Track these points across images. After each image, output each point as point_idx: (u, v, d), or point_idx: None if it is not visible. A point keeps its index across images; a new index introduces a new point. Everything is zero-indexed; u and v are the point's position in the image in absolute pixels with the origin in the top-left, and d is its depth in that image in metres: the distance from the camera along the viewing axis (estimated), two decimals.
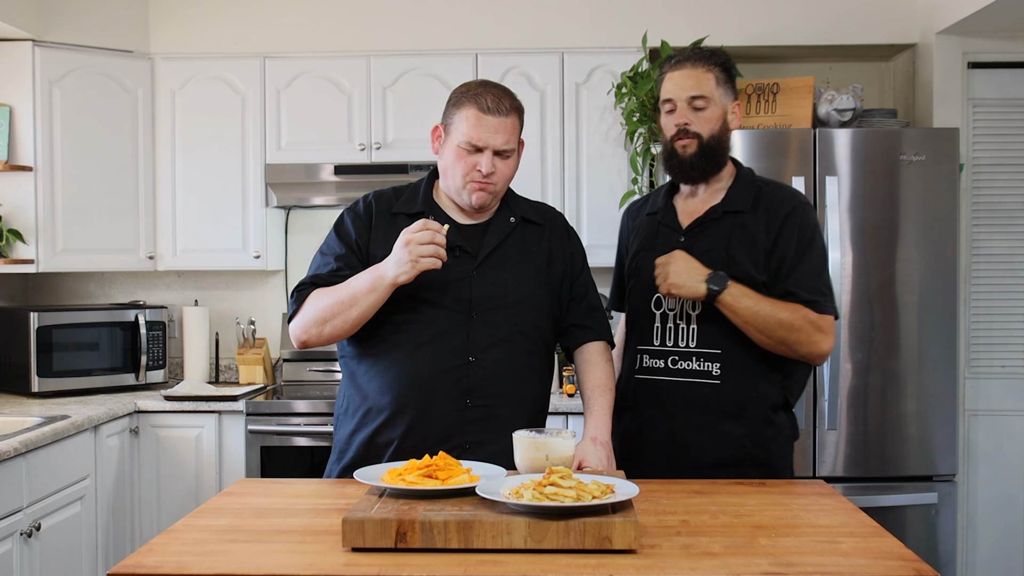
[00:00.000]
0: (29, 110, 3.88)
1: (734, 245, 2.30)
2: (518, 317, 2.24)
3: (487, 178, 2.19)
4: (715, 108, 2.33)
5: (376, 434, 2.22)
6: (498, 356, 2.21)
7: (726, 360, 2.29)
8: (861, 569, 1.54)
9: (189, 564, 1.57)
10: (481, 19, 4.12)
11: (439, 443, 2.15)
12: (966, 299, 3.85)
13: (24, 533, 2.91)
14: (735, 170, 2.42)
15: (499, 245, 2.27)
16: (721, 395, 2.29)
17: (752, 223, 2.31)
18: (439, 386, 2.18)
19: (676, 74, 2.36)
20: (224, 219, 4.14)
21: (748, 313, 2.21)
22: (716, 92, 2.33)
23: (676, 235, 2.37)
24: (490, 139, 2.18)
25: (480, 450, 2.17)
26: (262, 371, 4.21)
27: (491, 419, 2.19)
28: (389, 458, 2.19)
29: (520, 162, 2.30)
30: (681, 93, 2.33)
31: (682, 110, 2.33)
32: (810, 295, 2.26)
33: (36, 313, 3.84)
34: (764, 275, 2.27)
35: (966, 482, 3.85)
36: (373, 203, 2.32)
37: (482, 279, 2.23)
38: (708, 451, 2.28)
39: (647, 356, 2.37)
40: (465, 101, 2.21)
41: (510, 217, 2.31)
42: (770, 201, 2.34)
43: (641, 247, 2.44)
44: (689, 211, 2.40)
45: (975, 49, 3.86)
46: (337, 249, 2.27)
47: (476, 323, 2.21)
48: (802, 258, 2.29)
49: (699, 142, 2.32)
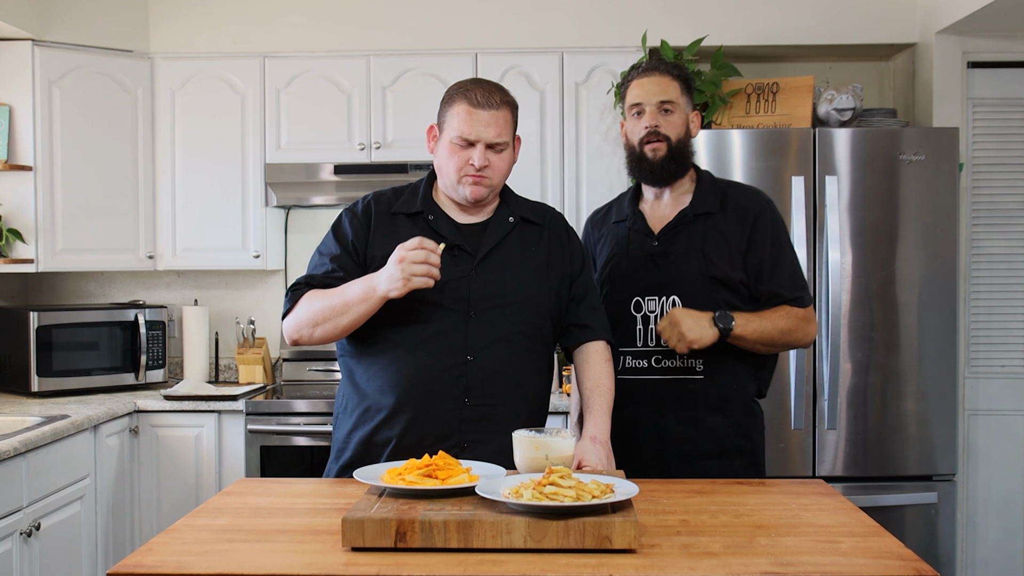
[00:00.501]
0: (29, 110, 3.88)
1: (708, 246, 2.41)
2: (517, 316, 2.24)
3: (480, 171, 2.20)
4: (681, 114, 2.46)
5: (374, 433, 2.22)
6: (496, 355, 2.21)
7: (709, 356, 2.39)
8: (861, 569, 1.54)
9: (189, 564, 1.57)
10: (481, 19, 4.12)
11: (437, 442, 2.15)
12: (966, 299, 3.85)
13: (24, 533, 2.91)
14: (695, 175, 2.53)
15: (498, 244, 2.27)
16: (706, 389, 2.41)
17: (723, 223, 2.43)
18: (437, 385, 2.19)
19: (645, 80, 2.46)
20: (224, 219, 4.14)
21: (756, 335, 2.35)
22: (681, 100, 2.46)
23: (649, 240, 2.47)
24: (481, 132, 2.19)
25: (479, 449, 2.17)
26: (262, 371, 4.21)
27: (489, 418, 2.20)
28: (387, 457, 2.20)
29: (517, 159, 2.30)
30: (651, 98, 2.44)
31: (652, 113, 2.44)
32: (793, 292, 2.42)
33: (36, 313, 3.84)
34: (741, 274, 2.40)
35: (966, 482, 3.85)
36: (372, 204, 2.32)
37: (481, 278, 2.23)
38: (696, 443, 2.40)
39: (630, 357, 2.46)
40: (456, 97, 2.23)
41: (509, 217, 2.31)
42: (737, 202, 2.46)
43: (614, 253, 2.53)
44: (658, 216, 2.50)
45: (975, 49, 3.86)
46: (333, 250, 2.28)
47: (475, 322, 2.21)
48: (779, 257, 2.43)
49: (668, 145, 2.43)
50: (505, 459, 2.04)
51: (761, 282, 2.41)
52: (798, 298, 2.42)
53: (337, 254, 2.27)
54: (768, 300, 2.41)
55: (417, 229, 2.25)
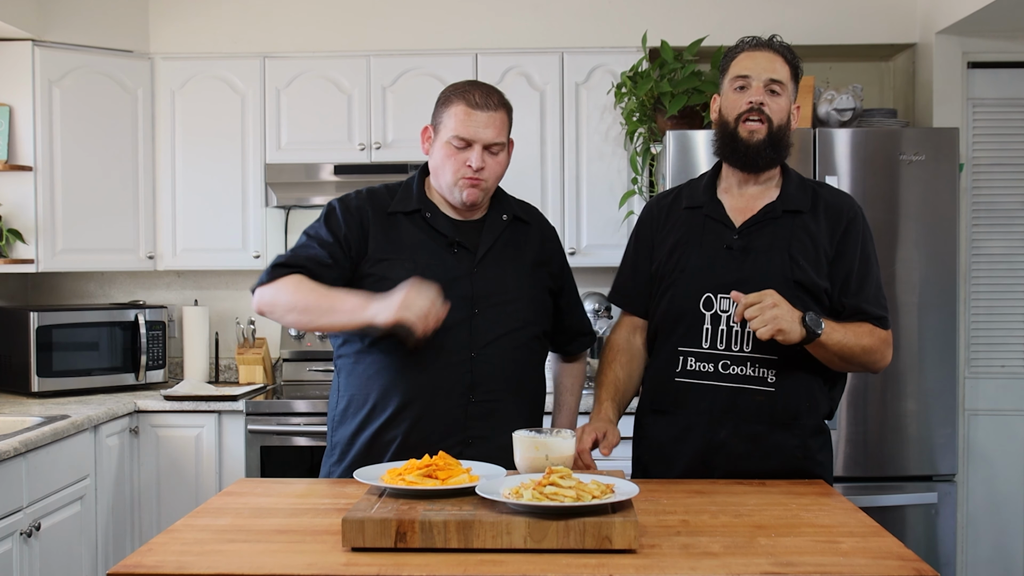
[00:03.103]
0: (29, 110, 3.88)
1: (796, 247, 2.18)
2: (518, 313, 2.26)
3: (478, 174, 2.20)
4: (786, 99, 2.22)
5: (381, 432, 2.22)
6: (500, 351, 2.23)
7: (782, 367, 2.17)
8: (861, 569, 1.54)
9: (189, 564, 1.57)
10: (481, 19, 4.12)
11: (443, 438, 2.16)
12: (966, 299, 3.85)
13: (24, 533, 2.91)
14: (781, 169, 2.30)
15: (495, 242, 2.29)
16: (775, 403, 2.17)
17: (812, 225, 2.21)
18: (442, 382, 2.19)
19: (757, 55, 2.22)
20: (224, 219, 4.14)
21: (838, 348, 2.11)
22: (790, 84, 2.24)
23: (729, 232, 2.22)
24: (479, 133, 2.19)
25: (483, 445, 2.18)
26: (262, 371, 4.21)
27: (494, 414, 2.21)
28: (392, 455, 2.19)
29: (511, 162, 2.32)
30: (761, 73, 2.20)
31: (758, 88, 2.19)
32: (878, 311, 2.20)
33: (36, 313, 3.84)
34: (826, 282, 2.18)
35: (966, 482, 3.85)
36: (367, 201, 2.30)
37: (483, 276, 2.25)
38: (755, 461, 2.16)
39: (692, 359, 2.22)
40: (453, 98, 2.22)
41: (503, 215, 2.33)
42: (829, 205, 2.24)
43: (682, 241, 2.27)
44: (739, 207, 2.25)
45: (975, 49, 3.86)
46: (324, 236, 2.26)
47: (478, 319, 2.22)
48: (867, 271, 2.21)
49: (769, 128, 2.19)
50: (510, 454, 2.03)
51: (846, 295, 2.18)
52: (882, 318, 2.19)
53: (329, 241, 2.25)
54: (850, 316, 2.18)
55: (415, 228, 2.25)
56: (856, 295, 2.19)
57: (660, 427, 2.28)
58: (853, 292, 2.19)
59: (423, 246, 2.24)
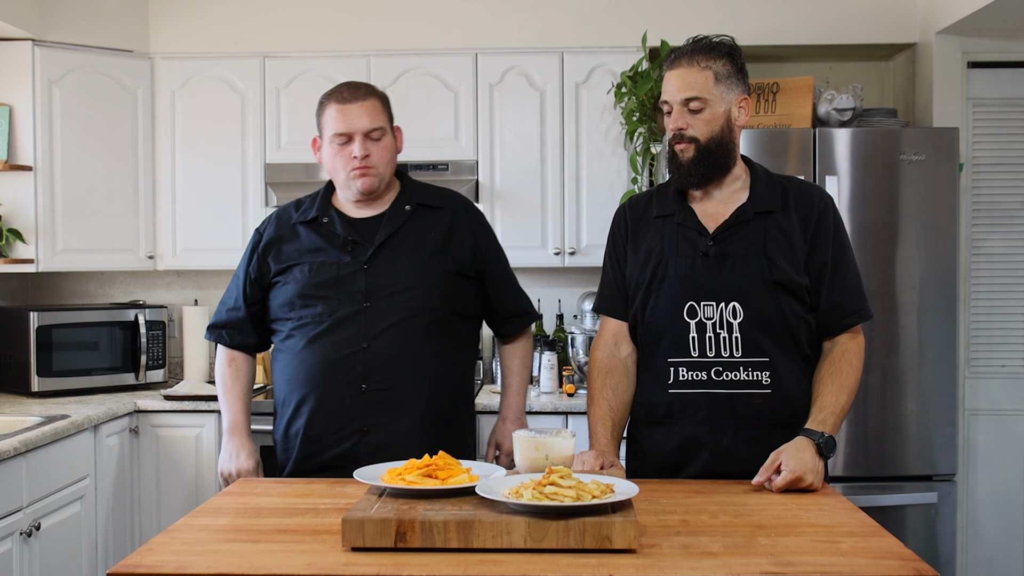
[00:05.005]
0: (29, 110, 3.88)
1: (771, 248, 2.19)
2: (411, 301, 2.37)
3: (365, 161, 2.36)
4: (714, 108, 2.18)
5: (289, 425, 2.43)
6: (391, 341, 2.35)
7: (775, 367, 2.18)
8: (861, 569, 1.54)
9: (189, 564, 1.57)
10: (481, 19, 4.12)
11: (340, 428, 2.34)
12: (966, 299, 3.85)
13: (24, 533, 2.91)
14: (747, 167, 2.29)
15: (392, 235, 2.40)
16: (774, 404, 2.18)
17: (786, 223, 2.21)
18: (335, 373, 2.35)
19: (672, 73, 2.22)
20: (224, 218, 4.14)
21: (842, 417, 2.16)
22: (715, 91, 2.18)
23: (703, 239, 2.22)
24: (355, 123, 2.36)
25: (379, 432, 2.33)
26: (261, 371, 4.21)
27: (387, 402, 2.35)
28: (299, 447, 2.39)
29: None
30: (675, 94, 2.20)
31: (678, 113, 2.20)
32: (857, 303, 2.22)
33: (36, 313, 3.83)
34: (805, 279, 2.19)
35: (966, 482, 3.85)
36: (272, 224, 2.51)
37: (374, 270, 2.38)
38: (760, 464, 2.10)
39: (684, 368, 2.21)
40: (326, 102, 2.42)
41: (406, 205, 2.45)
42: (799, 200, 2.24)
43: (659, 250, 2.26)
44: (709, 213, 2.26)
45: (975, 49, 3.86)
46: (240, 273, 2.53)
47: (371, 311, 2.36)
48: (843, 262, 2.22)
49: (696, 146, 2.19)
50: (407, 441, 2.25)
51: (823, 290, 2.20)
52: (859, 310, 2.21)
53: (241, 278, 2.52)
54: (827, 312, 2.20)
55: (314, 234, 2.44)
56: (834, 291, 2.21)
57: (658, 438, 2.26)
58: (829, 287, 2.21)
59: (320, 249, 2.42)
